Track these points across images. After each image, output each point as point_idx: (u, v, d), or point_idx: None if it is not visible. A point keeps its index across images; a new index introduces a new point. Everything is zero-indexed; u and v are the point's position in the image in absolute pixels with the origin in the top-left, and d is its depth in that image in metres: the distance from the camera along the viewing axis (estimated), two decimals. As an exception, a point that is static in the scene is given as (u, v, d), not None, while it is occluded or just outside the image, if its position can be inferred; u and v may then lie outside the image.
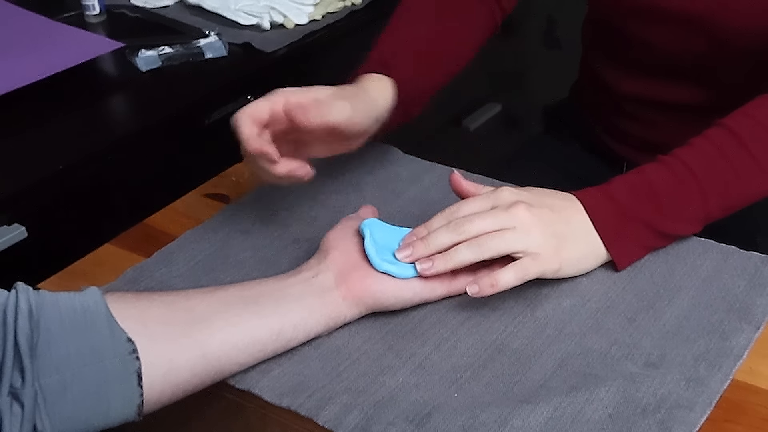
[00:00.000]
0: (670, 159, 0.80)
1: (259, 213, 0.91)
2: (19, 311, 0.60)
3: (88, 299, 0.63)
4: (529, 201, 0.76)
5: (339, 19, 1.39)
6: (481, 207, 0.76)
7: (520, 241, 0.74)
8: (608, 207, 0.78)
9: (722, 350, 0.71)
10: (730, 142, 0.80)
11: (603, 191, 0.79)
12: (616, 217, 0.78)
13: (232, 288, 0.72)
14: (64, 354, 0.61)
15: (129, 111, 1.23)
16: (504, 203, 0.75)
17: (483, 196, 0.77)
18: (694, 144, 0.81)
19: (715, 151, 0.80)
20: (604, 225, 0.77)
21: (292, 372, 0.71)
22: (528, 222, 0.74)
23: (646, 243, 0.80)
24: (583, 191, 0.80)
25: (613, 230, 0.78)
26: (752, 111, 0.83)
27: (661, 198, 0.79)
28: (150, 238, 0.89)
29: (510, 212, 0.74)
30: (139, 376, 0.63)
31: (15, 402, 0.58)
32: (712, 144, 0.81)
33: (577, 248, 0.77)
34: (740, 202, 0.82)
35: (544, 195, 0.79)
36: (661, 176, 0.79)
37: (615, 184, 0.80)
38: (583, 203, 0.78)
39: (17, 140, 1.10)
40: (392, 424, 0.66)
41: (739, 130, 0.81)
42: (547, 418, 0.65)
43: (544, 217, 0.75)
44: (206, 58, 1.26)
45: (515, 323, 0.75)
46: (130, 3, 1.43)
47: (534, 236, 0.74)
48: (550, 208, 0.76)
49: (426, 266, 0.73)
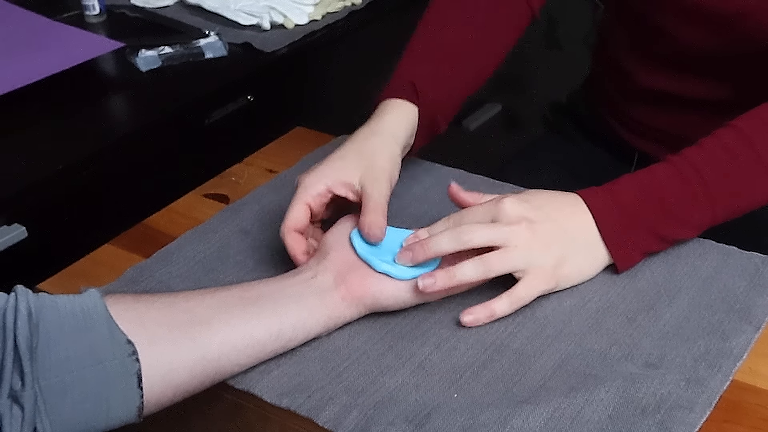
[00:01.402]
0: (680, 162, 0.79)
1: (259, 213, 0.91)
2: (18, 314, 0.60)
3: (88, 301, 0.63)
4: (532, 216, 0.75)
5: (339, 19, 1.39)
6: (484, 217, 0.75)
7: (522, 261, 0.74)
8: (614, 211, 0.77)
9: (722, 351, 0.71)
10: (741, 146, 0.79)
11: (610, 193, 0.78)
12: (622, 221, 0.77)
13: (231, 289, 0.72)
14: (64, 356, 0.61)
15: (129, 111, 1.23)
16: (507, 218, 0.74)
17: (486, 205, 0.76)
18: (705, 146, 0.80)
19: (726, 156, 0.79)
20: (609, 230, 0.77)
21: (292, 372, 0.71)
22: (530, 242, 0.74)
23: (649, 248, 0.79)
24: (589, 192, 0.78)
25: (618, 235, 0.77)
26: (765, 113, 0.81)
27: (668, 203, 0.78)
28: (150, 238, 0.89)
29: (513, 230, 0.74)
30: (139, 378, 0.63)
31: (15, 404, 0.58)
32: (723, 147, 0.79)
33: (579, 263, 0.77)
34: (747, 208, 0.81)
35: (548, 204, 0.77)
36: (669, 180, 0.78)
37: (623, 186, 0.79)
38: (589, 206, 0.77)
39: (17, 140, 1.10)
40: (392, 424, 0.66)
41: (751, 133, 0.80)
42: (546, 418, 0.65)
43: (546, 235, 0.75)
44: (206, 58, 1.26)
45: (515, 323, 0.75)
46: (130, 3, 1.43)
47: (535, 256, 0.74)
48: (553, 223, 0.76)
49: (428, 282, 0.72)
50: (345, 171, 0.80)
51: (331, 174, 0.80)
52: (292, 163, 1.00)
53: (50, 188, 1.04)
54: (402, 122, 0.85)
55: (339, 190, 0.79)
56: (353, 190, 0.79)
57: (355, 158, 0.81)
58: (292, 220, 0.78)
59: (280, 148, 1.05)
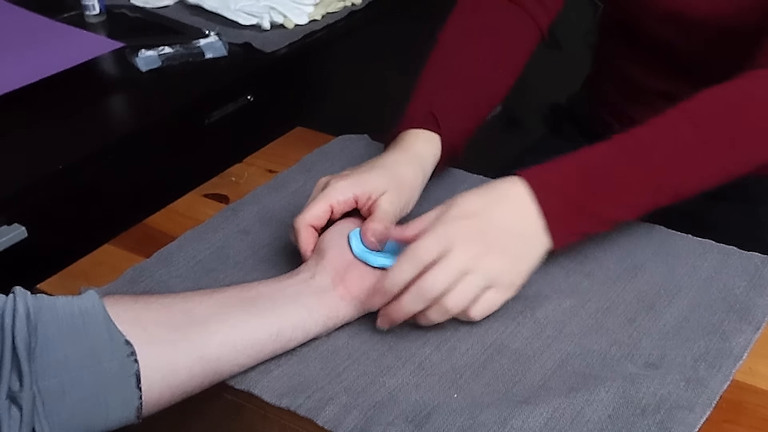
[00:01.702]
0: (628, 142, 0.78)
1: (259, 213, 0.91)
2: (16, 315, 0.60)
3: (86, 303, 0.63)
4: (477, 228, 0.73)
5: (339, 19, 1.39)
6: (437, 251, 0.72)
7: (486, 282, 0.73)
8: (556, 189, 0.76)
9: (722, 351, 0.71)
10: (689, 129, 0.78)
11: (551, 172, 0.77)
12: (563, 200, 0.76)
13: (230, 290, 0.72)
14: (63, 357, 0.61)
15: (129, 111, 1.23)
16: (454, 242, 0.72)
17: (433, 236, 0.73)
18: (654, 128, 0.79)
19: (674, 139, 0.78)
20: (550, 208, 0.75)
21: (292, 372, 0.71)
22: (490, 260, 0.73)
23: (586, 228, 0.78)
24: (533, 171, 0.76)
25: (558, 213, 0.75)
26: (717, 96, 0.80)
27: (611, 184, 0.77)
28: (150, 238, 0.89)
29: (471, 255, 0.72)
30: (137, 379, 0.63)
31: (13, 405, 0.58)
32: (671, 129, 0.78)
33: (532, 254, 0.76)
34: (691, 191, 0.79)
35: (489, 203, 0.75)
36: (614, 160, 0.77)
37: (565, 163, 0.77)
38: (531, 186, 0.75)
39: (17, 140, 1.10)
40: (392, 424, 0.66)
41: (698, 117, 0.79)
42: (546, 418, 0.65)
43: (503, 244, 0.74)
44: (206, 58, 1.26)
45: (515, 323, 0.75)
46: (130, 3, 1.43)
47: (499, 270, 0.73)
48: (504, 227, 0.74)
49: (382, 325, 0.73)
50: (374, 185, 0.80)
51: (361, 185, 0.79)
52: (292, 163, 1.00)
53: (50, 188, 1.04)
54: (428, 151, 0.86)
55: (363, 203, 0.80)
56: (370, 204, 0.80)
57: (384, 176, 0.81)
58: (312, 215, 0.78)
59: (280, 148, 1.05)
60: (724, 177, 0.80)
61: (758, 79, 0.82)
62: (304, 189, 0.92)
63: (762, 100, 0.80)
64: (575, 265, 0.81)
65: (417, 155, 0.85)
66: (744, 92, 0.81)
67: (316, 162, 0.99)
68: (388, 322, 0.73)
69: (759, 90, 0.81)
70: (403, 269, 0.72)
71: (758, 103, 0.80)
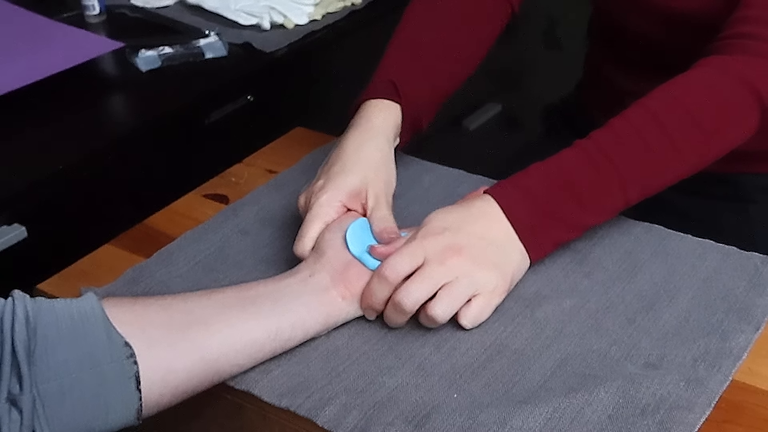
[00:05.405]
0: (590, 147, 0.78)
1: (259, 213, 0.91)
2: (16, 318, 0.60)
3: (85, 305, 0.63)
4: (452, 240, 0.74)
5: (339, 19, 1.39)
6: (411, 263, 0.73)
7: (469, 289, 0.73)
8: (525, 205, 0.76)
9: (722, 351, 0.71)
10: (651, 126, 0.79)
11: (519, 188, 0.77)
12: (533, 215, 0.76)
13: (229, 290, 0.72)
14: (62, 360, 0.61)
15: (129, 111, 1.23)
16: (429, 254, 0.73)
17: (404, 254, 0.73)
18: (613, 129, 0.79)
19: (635, 137, 0.78)
20: (521, 224, 0.76)
21: (292, 372, 0.71)
22: (468, 267, 0.73)
23: (561, 237, 0.79)
24: (499, 187, 0.77)
25: (530, 228, 0.76)
26: (675, 90, 0.81)
27: (579, 191, 0.77)
28: (150, 239, 0.89)
29: (447, 265, 0.73)
30: (137, 380, 0.63)
31: (13, 408, 0.58)
32: (632, 129, 0.79)
33: (511, 259, 0.76)
34: (658, 188, 0.80)
35: (463, 218, 0.76)
36: (579, 168, 0.78)
37: (532, 177, 0.78)
38: (500, 204, 0.76)
39: (17, 140, 1.10)
40: (391, 424, 0.66)
41: (660, 113, 0.79)
42: (546, 418, 0.65)
43: (479, 252, 0.74)
44: (206, 58, 1.26)
45: (514, 324, 0.75)
46: (130, 3, 1.43)
47: (479, 276, 0.73)
48: (478, 237, 0.75)
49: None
50: (353, 184, 0.80)
51: (344, 188, 0.80)
52: (292, 163, 1.00)
53: (50, 188, 1.04)
54: (389, 121, 0.87)
55: (352, 205, 0.80)
56: (362, 202, 0.81)
57: (357, 169, 0.81)
58: (311, 240, 0.78)
59: (280, 148, 1.05)
60: (693, 167, 0.81)
61: (707, 66, 0.83)
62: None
63: (716, 87, 0.82)
64: (575, 265, 0.81)
65: (377, 128, 0.85)
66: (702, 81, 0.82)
67: (316, 162, 0.99)
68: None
69: (712, 77, 0.82)
70: (376, 288, 0.73)
71: (717, 90, 0.81)
